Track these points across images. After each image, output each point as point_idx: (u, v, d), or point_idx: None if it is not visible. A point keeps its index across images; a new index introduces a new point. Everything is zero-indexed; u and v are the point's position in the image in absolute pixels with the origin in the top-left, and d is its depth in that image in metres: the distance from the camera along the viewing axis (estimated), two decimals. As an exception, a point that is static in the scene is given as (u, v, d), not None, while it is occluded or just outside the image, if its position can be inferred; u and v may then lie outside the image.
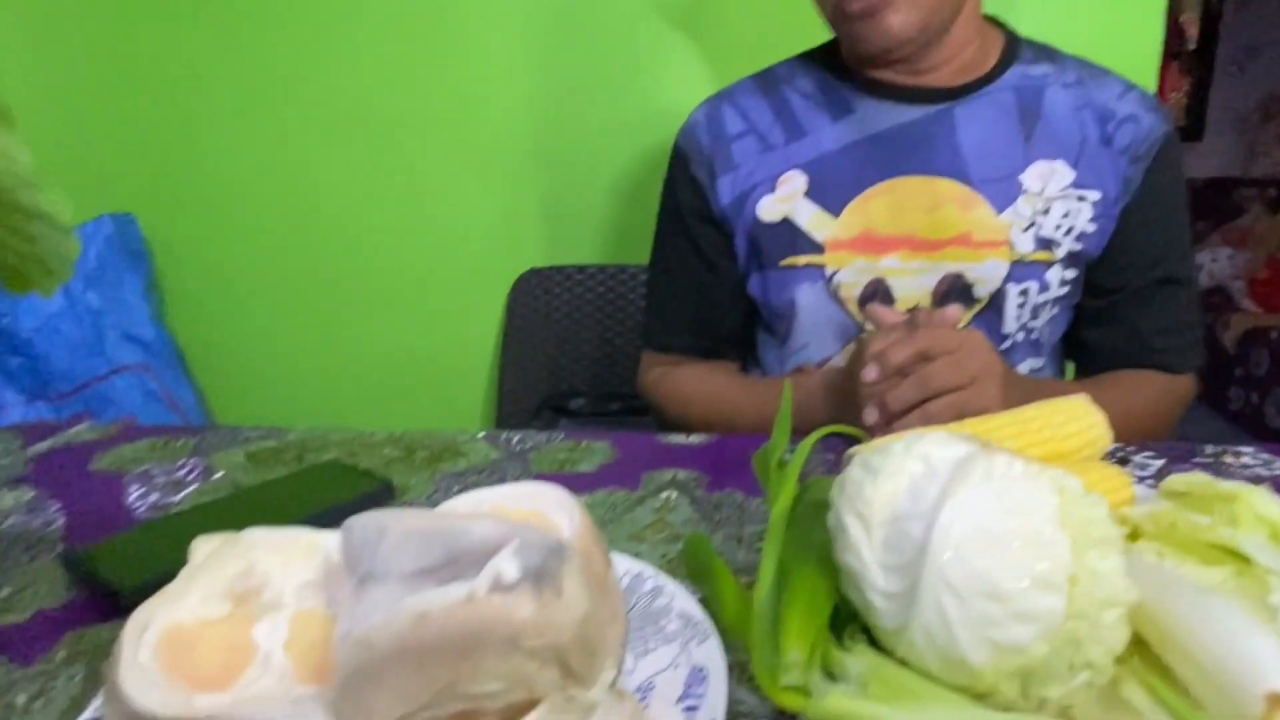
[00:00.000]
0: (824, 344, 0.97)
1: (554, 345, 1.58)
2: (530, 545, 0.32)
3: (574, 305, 1.57)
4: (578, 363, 1.59)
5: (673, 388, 1.04)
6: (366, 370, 1.65)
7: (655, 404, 1.06)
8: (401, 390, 1.65)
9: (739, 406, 0.96)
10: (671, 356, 1.07)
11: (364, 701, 0.29)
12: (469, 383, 1.66)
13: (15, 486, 0.73)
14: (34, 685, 0.46)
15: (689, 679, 0.40)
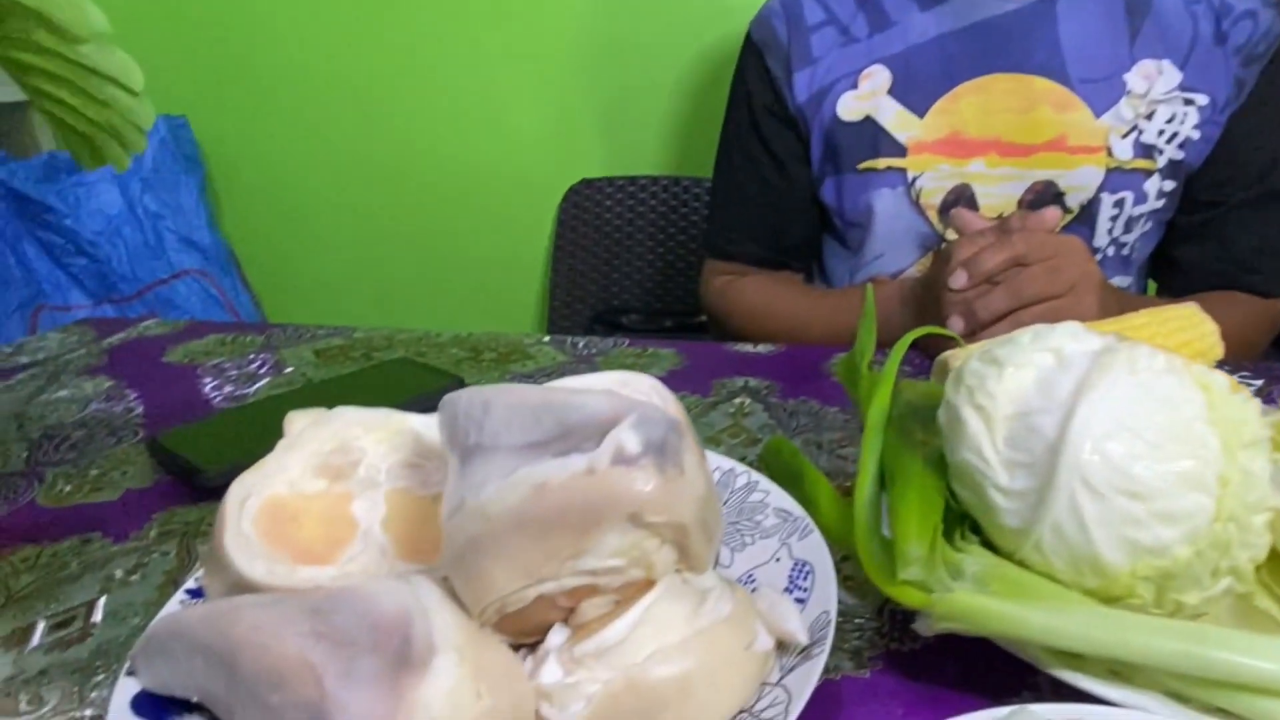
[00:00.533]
0: (900, 255, 0.92)
1: (606, 260, 1.55)
2: (649, 420, 0.30)
3: (627, 219, 1.53)
4: (630, 279, 1.56)
5: (738, 298, 1.00)
6: (416, 277, 1.65)
7: (718, 314, 1.03)
8: (452, 298, 1.64)
9: (809, 318, 0.92)
10: (735, 265, 1.02)
11: (480, 574, 0.28)
12: (520, 294, 1.64)
13: (93, 376, 0.73)
14: (129, 560, 0.47)
15: (792, 573, 0.38)
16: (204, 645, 0.28)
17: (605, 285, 1.55)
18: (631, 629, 0.28)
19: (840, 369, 0.58)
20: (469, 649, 0.26)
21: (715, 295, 1.03)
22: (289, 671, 0.25)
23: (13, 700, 0.36)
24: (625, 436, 0.28)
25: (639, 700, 0.27)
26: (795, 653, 0.33)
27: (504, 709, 0.26)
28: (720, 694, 0.29)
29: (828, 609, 0.34)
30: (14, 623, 0.42)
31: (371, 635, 0.27)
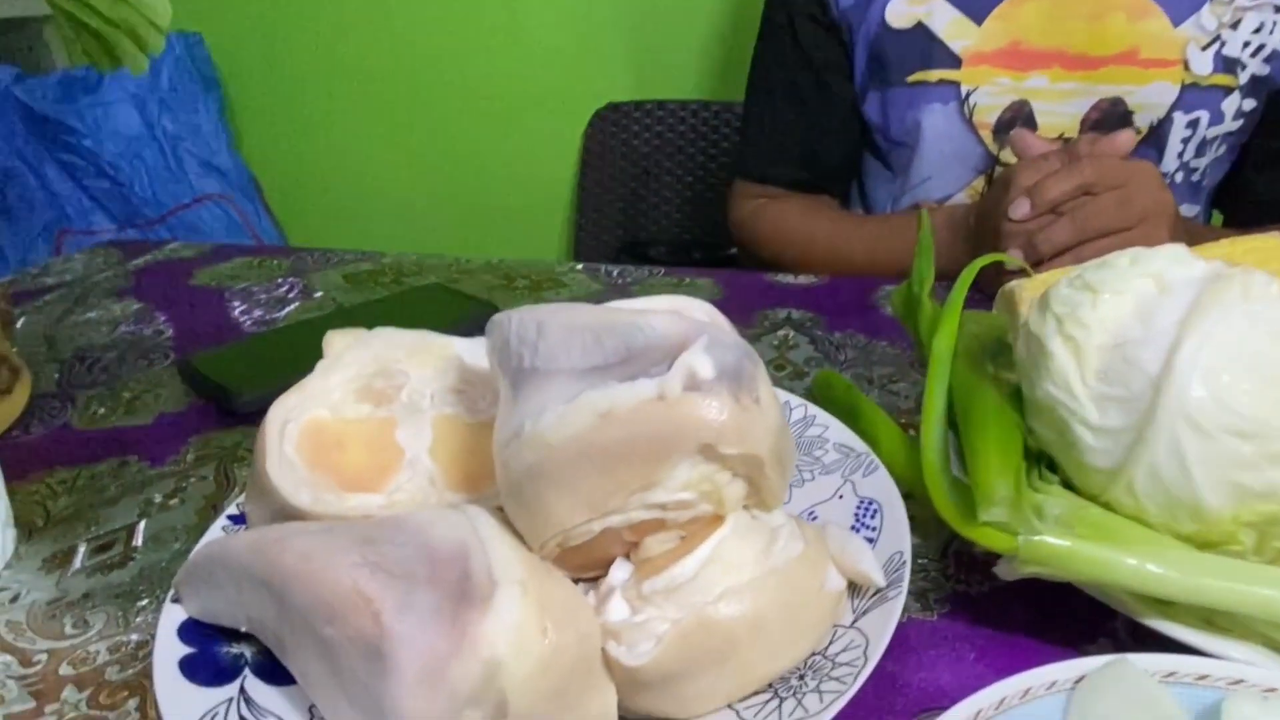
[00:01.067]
0: (950, 178, 0.86)
1: (633, 189, 1.49)
2: (721, 343, 0.27)
3: (655, 146, 1.47)
4: (658, 209, 1.51)
5: (771, 223, 0.94)
6: (439, 203, 1.61)
7: (747, 240, 0.97)
8: (477, 225, 1.61)
9: (849, 245, 0.87)
10: (768, 189, 0.95)
11: (541, 505, 0.26)
12: (546, 223, 1.60)
13: (121, 298, 0.72)
14: (168, 484, 0.46)
15: (858, 511, 0.36)
16: (251, 574, 0.26)
17: (632, 216, 1.51)
18: (702, 566, 0.27)
19: (895, 300, 0.55)
20: (532, 583, 0.25)
21: (745, 220, 0.96)
22: (343, 603, 0.24)
23: (58, 623, 0.36)
24: (698, 360, 0.26)
25: (710, 640, 0.26)
26: (868, 595, 0.31)
27: (570, 646, 0.24)
28: (793, 635, 0.28)
29: (901, 549, 0.33)
30: (55, 545, 0.41)
31: (428, 567, 0.25)
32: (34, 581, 0.38)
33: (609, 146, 1.47)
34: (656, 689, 0.26)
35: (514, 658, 0.23)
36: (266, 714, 0.25)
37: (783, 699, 0.27)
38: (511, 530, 0.28)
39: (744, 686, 0.27)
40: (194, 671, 0.26)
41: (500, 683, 0.23)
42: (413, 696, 0.22)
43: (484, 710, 0.23)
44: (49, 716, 0.31)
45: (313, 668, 0.25)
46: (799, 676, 0.28)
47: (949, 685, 0.33)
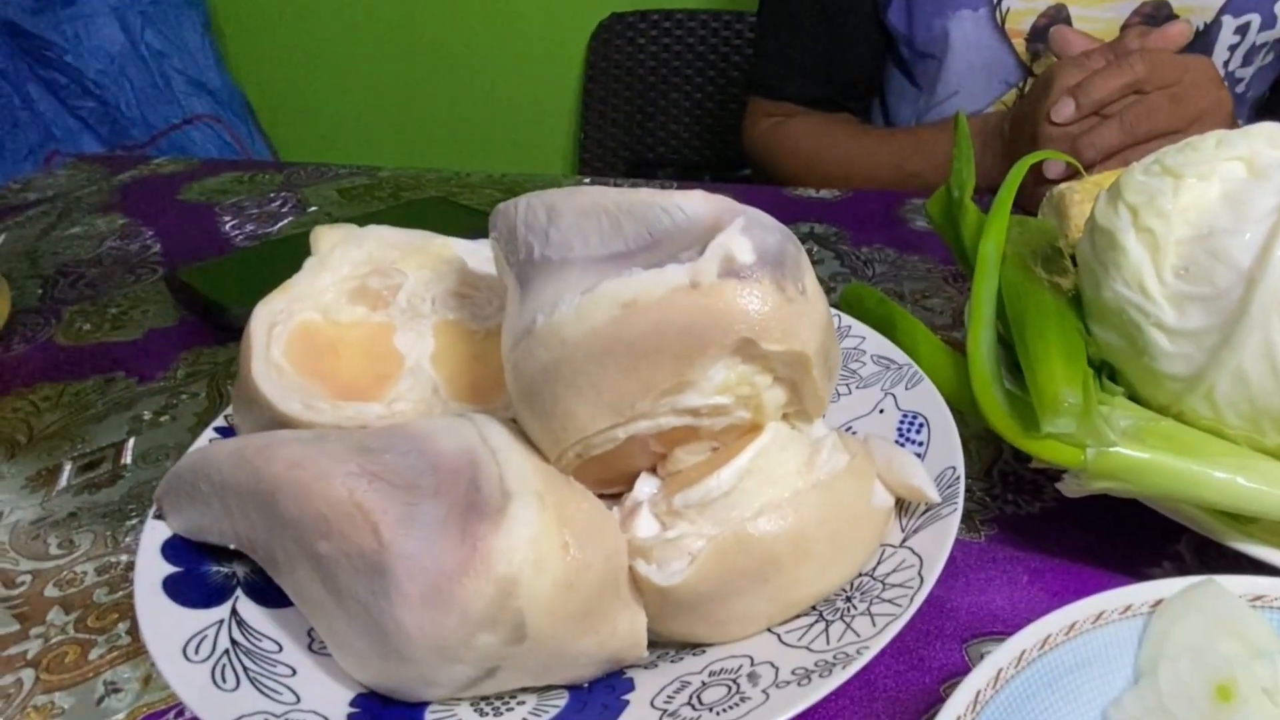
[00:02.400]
0: (979, 92, 0.81)
1: (639, 106, 1.42)
2: (761, 224, 0.24)
3: (662, 59, 1.39)
4: (665, 128, 1.44)
5: (786, 140, 0.88)
6: (438, 119, 1.54)
7: (763, 160, 0.92)
8: (478, 143, 1.54)
9: (872, 161, 0.82)
10: (784, 105, 0.90)
11: (558, 410, 0.23)
12: (549, 139, 1.54)
13: (106, 213, 0.68)
14: (158, 401, 0.43)
15: (901, 425, 0.33)
16: (236, 485, 0.24)
17: (639, 135, 1.44)
18: (739, 479, 0.24)
19: (932, 207, 0.51)
20: (550, 495, 0.22)
21: (760, 138, 0.91)
22: (338, 516, 0.21)
23: (41, 543, 0.33)
24: (735, 243, 0.22)
25: (748, 559, 0.23)
26: (918, 512, 0.28)
27: (595, 564, 0.21)
28: (838, 554, 0.25)
29: (953, 464, 0.30)
30: (39, 463, 0.39)
31: (432, 477, 0.22)
32: (17, 500, 0.36)
33: (613, 60, 1.39)
34: (690, 611, 0.23)
35: (532, 575, 0.20)
36: (261, 637, 0.23)
37: (829, 622, 0.24)
38: (525, 440, 0.25)
39: (785, 609, 0.25)
40: (179, 592, 0.24)
41: (517, 602, 0.20)
42: (418, 617, 0.20)
43: (499, 633, 0.20)
44: (34, 639, 0.29)
45: (308, 587, 0.22)
46: (845, 599, 0.25)
47: (1002, 609, 0.31)
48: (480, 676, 0.21)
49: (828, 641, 0.23)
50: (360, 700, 0.22)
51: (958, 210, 0.48)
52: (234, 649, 0.22)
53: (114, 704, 0.26)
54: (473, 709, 0.22)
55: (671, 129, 1.43)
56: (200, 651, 0.22)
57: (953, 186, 0.48)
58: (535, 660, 0.21)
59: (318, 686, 0.22)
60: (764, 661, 0.23)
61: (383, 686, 0.21)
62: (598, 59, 1.40)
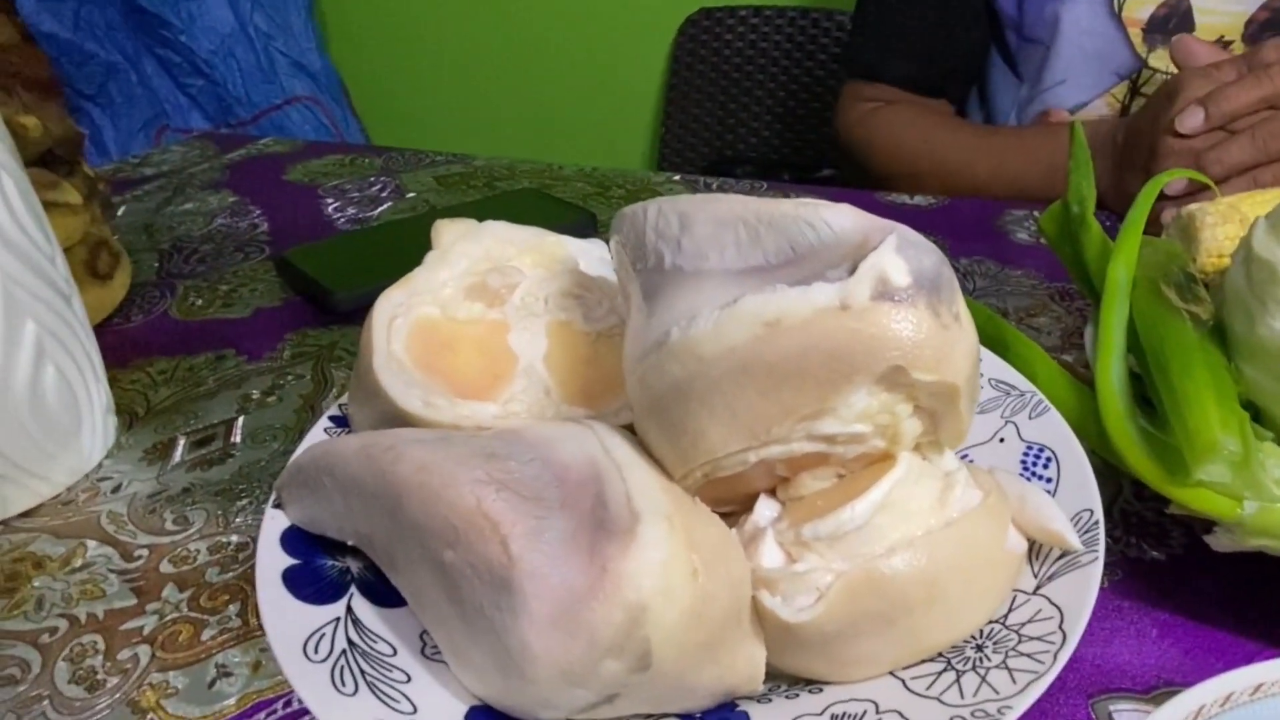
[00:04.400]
0: (1086, 82, 0.75)
1: (722, 102, 1.40)
2: (916, 244, 0.22)
3: (748, 56, 1.37)
4: (746, 124, 1.41)
5: (883, 128, 0.84)
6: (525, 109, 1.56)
7: (857, 147, 0.87)
8: (558, 132, 1.55)
9: (972, 158, 0.77)
10: (881, 89, 0.85)
11: (689, 428, 0.22)
12: (629, 135, 1.53)
13: (217, 190, 0.71)
14: (265, 380, 0.44)
15: (1025, 459, 0.31)
16: (360, 484, 0.24)
17: (720, 132, 1.42)
18: (873, 513, 0.22)
19: (1046, 222, 0.48)
20: (678, 517, 0.21)
21: (854, 124, 0.86)
22: (466, 525, 0.21)
23: (158, 518, 0.34)
24: (889, 263, 0.21)
25: (879, 600, 0.22)
26: (1051, 557, 0.26)
27: (721, 594, 0.21)
28: (971, 600, 0.23)
29: (1090, 507, 0.28)
30: (155, 436, 0.40)
31: (558, 489, 0.22)
32: (135, 472, 0.37)
33: (699, 55, 1.38)
34: (813, 648, 0.22)
35: (661, 602, 0.19)
36: (376, 639, 0.23)
37: (960, 672, 0.23)
38: (647, 455, 0.24)
39: (912, 654, 0.23)
40: (298, 585, 0.24)
41: (645, 630, 0.19)
42: (546, 639, 0.19)
43: (625, 661, 0.19)
44: (150, 615, 0.30)
45: (429, 594, 0.22)
46: (975, 647, 0.24)
47: (1130, 664, 0.28)
48: (599, 702, 0.20)
49: (961, 695, 0.22)
50: (474, 715, 0.21)
51: (1078, 227, 0.45)
52: (351, 650, 0.22)
53: (225, 688, 0.27)
54: (587, 733, 0.21)
55: (753, 126, 1.41)
56: (319, 651, 0.22)
57: (1071, 201, 0.45)
58: (655, 689, 0.21)
59: (432, 696, 0.22)
60: (891, 710, 0.22)
61: (499, 703, 0.21)
62: (683, 54, 1.38)
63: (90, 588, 0.31)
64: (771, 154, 1.43)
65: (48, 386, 0.34)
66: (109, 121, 1.37)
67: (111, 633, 0.29)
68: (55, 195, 0.45)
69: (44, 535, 0.33)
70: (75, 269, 0.47)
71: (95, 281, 0.48)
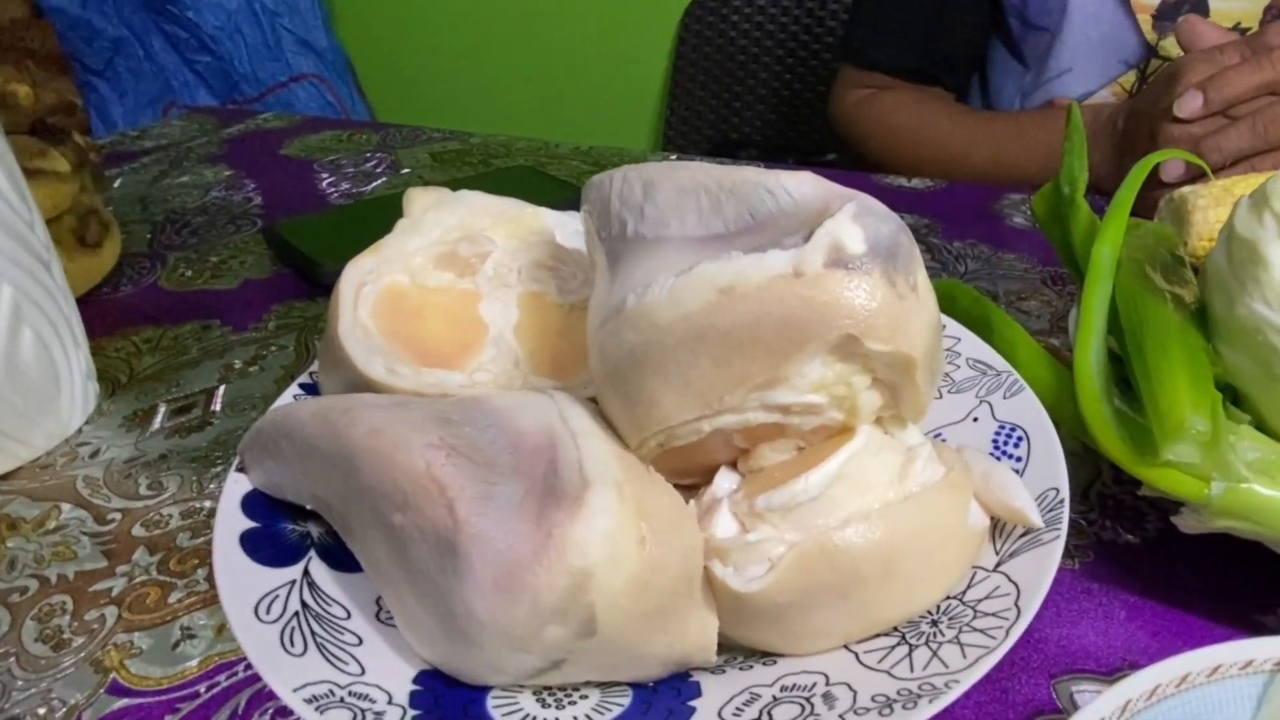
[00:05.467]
0: (1093, 71, 0.73)
1: (726, 85, 1.39)
2: (874, 212, 0.22)
3: (753, 39, 1.35)
4: (751, 109, 1.40)
5: (879, 115, 0.83)
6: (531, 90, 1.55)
7: (853, 134, 0.87)
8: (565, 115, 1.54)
9: (968, 144, 0.75)
10: (877, 76, 0.85)
11: (644, 396, 0.22)
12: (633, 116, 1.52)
13: (214, 164, 0.71)
14: (248, 350, 0.45)
15: (997, 438, 0.31)
16: (315, 446, 0.24)
17: (724, 115, 1.41)
18: (828, 484, 0.22)
19: (1037, 203, 0.47)
20: (629, 485, 0.21)
21: (850, 111, 0.85)
22: (415, 488, 0.21)
23: (133, 482, 0.35)
24: (845, 231, 0.21)
25: (831, 571, 0.22)
26: (1014, 535, 0.26)
27: (670, 562, 0.20)
28: (927, 575, 0.23)
29: (1056, 485, 0.27)
30: (136, 404, 0.40)
31: (511, 456, 0.22)
32: (114, 439, 0.38)
33: (705, 37, 1.36)
34: (764, 619, 0.22)
35: (607, 569, 0.19)
36: (331, 602, 0.23)
37: (913, 646, 0.22)
38: (605, 424, 0.24)
39: (866, 627, 0.23)
40: (256, 548, 0.24)
41: (589, 597, 0.19)
42: (489, 603, 0.19)
43: (569, 627, 0.19)
44: (119, 577, 0.30)
45: (380, 556, 0.22)
46: (931, 622, 0.23)
47: (1095, 646, 0.28)
48: (545, 667, 0.20)
49: (911, 669, 0.22)
50: (423, 678, 0.21)
51: (1067, 208, 0.44)
52: (304, 611, 0.22)
53: (189, 649, 0.27)
54: (535, 698, 0.21)
55: (757, 109, 1.39)
56: (271, 611, 0.22)
57: (1063, 182, 0.45)
58: (603, 656, 0.21)
59: (382, 659, 0.22)
60: (840, 682, 0.22)
61: (447, 666, 0.21)
62: (689, 35, 1.37)
63: (62, 549, 0.31)
64: (776, 137, 1.42)
65: (25, 352, 0.34)
66: (116, 97, 1.37)
67: (80, 594, 0.29)
68: (43, 163, 0.45)
69: (20, 498, 0.34)
70: (64, 237, 0.47)
71: (84, 250, 0.49)
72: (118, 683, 0.26)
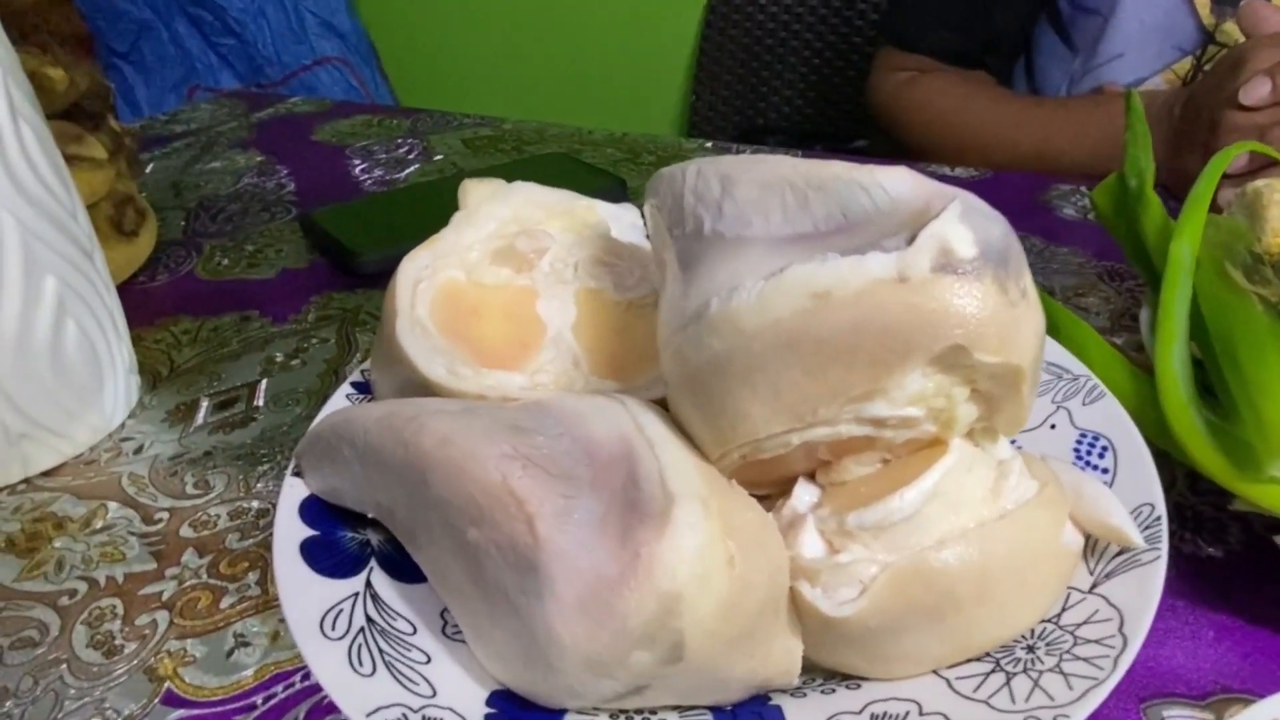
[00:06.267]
0: (1147, 56, 0.70)
1: (754, 67, 1.36)
2: (981, 212, 0.20)
3: (782, 22, 1.32)
4: (779, 94, 1.37)
5: (920, 98, 0.80)
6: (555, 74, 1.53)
7: (892, 118, 0.84)
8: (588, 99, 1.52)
9: (1015, 131, 0.72)
10: (918, 59, 0.81)
11: (728, 407, 0.21)
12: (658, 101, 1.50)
13: (245, 149, 0.70)
14: (289, 343, 0.44)
15: (1079, 448, 0.30)
16: (381, 455, 0.23)
17: (751, 100, 1.38)
18: (923, 502, 0.21)
19: (1099, 196, 0.45)
20: (715, 500, 0.20)
21: (889, 95, 0.82)
22: (491, 502, 0.19)
23: (179, 481, 0.34)
24: (953, 232, 0.19)
25: (926, 594, 0.20)
26: (1108, 554, 0.25)
27: (759, 583, 0.19)
28: (1023, 598, 0.22)
29: (1150, 501, 0.26)
30: (178, 398, 0.40)
31: (588, 467, 0.21)
32: (157, 434, 0.37)
33: (732, 20, 1.33)
34: (854, 643, 0.21)
35: (696, 591, 0.18)
36: (395, 616, 0.22)
37: (1010, 674, 0.21)
38: (681, 433, 0.23)
39: (957, 652, 0.22)
40: (316, 558, 0.23)
41: (678, 621, 0.18)
42: (572, 626, 0.18)
43: (655, 653, 0.18)
44: (169, 580, 0.29)
45: (450, 570, 0.21)
46: (1026, 648, 0.22)
47: (1184, 668, 0.27)
48: (626, 693, 0.19)
49: (1012, 699, 0.20)
50: (496, 700, 0.20)
51: (1135, 202, 0.43)
52: (369, 627, 0.21)
53: (243, 658, 0.26)
54: (613, 722, 0.20)
55: (785, 95, 1.37)
56: (337, 628, 0.21)
57: (1128, 174, 0.43)
58: (686, 682, 0.19)
59: (453, 679, 0.21)
60: (935, 712, 0.20)
61: (521, 688, 0.20)
62: (716, 18, 1.34)
63: (110, 550, 0.30)
64: (804, 123, 1.39)
65: (69, 344, 0.33)
66: (141, 80, 1.37)
67: (130, 597, 0.28)
68: (79, 149, 0.44)
69: (65, 495, 0.33)
70: (100, 225, 0.46)
71: (121, 238, 0.48)
72: (173, 692, 0.25)
